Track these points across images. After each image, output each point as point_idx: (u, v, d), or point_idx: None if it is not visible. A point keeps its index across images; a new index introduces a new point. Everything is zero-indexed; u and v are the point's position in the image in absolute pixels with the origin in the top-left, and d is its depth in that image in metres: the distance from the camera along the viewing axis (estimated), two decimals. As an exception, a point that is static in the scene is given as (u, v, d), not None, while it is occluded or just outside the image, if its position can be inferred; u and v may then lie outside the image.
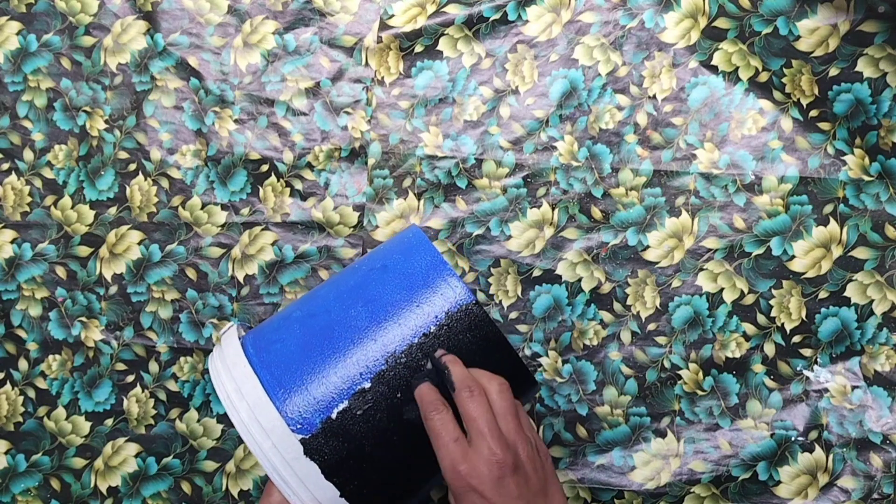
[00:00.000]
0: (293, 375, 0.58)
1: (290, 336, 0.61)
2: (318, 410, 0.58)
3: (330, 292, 0.63)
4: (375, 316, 0.60)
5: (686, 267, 0.78)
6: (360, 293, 0.61)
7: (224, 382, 0.59)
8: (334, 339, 0.59)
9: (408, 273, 0.61)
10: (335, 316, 0.61)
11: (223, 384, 0.59)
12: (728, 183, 0.78)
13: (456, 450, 0.54)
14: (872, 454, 0.76)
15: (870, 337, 0.77)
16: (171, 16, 0.82)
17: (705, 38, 0.79)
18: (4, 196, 0.82)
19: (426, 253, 0.62)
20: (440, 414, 0.56)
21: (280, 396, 0.58)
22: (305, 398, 0.58)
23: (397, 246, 0.64)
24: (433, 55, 0.80)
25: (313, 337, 0.60)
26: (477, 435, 0.55)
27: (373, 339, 0.59)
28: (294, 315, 0.63)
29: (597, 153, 0.79)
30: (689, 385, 0.78)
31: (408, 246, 0.63)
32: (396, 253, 0.63)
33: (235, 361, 0.60)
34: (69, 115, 0.82)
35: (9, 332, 0.82)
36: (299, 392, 0.58)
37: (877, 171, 0.77)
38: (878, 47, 0.77)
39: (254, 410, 0.57)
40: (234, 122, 0.81)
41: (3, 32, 0.83)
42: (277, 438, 0.57)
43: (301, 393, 0.58)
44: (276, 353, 0.60)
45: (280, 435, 0.57)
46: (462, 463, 0.54)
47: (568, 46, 0.80)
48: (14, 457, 0.81)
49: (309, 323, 0.61)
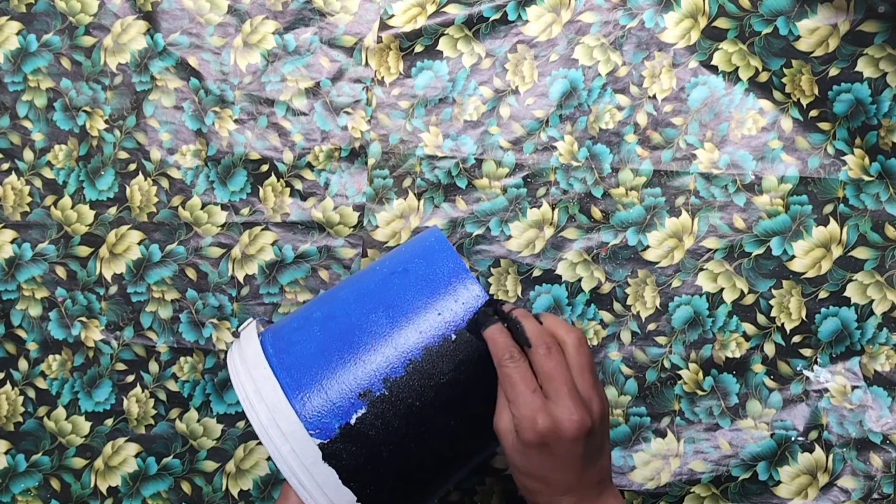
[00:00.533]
0: (312, 379, 0.58)
1: (309, 338, 0.60)
2: (336, 415, 0.57)
3: (350, 294, 0.62)
4: (395, 322, 0.59)
5: (686, 267, 0.78)
6: (380, 297, 0.60)
7: (243, 383, 0.59)
8: (354, 344, 0.58)
9: (429, 279, 0.60)
10: (355, 319, 0.60)
11: (242, 384, 0.59)
12: (728, 183, 0.78)
13: (536, 402, 0.52)
14: (872, 454, 0.76)
15: (870, 337, 0.77)
16: (171, 16, 0.81)
17: (705, 38, 0.78)
18: (4, 196, 0.82)
19: (448, 258, 0.61)
20: (517, 363, 0.53)
21: (299, 400, 0.57)
22: (324, 403, 0.57)
23: (419, 249, 0.63)
24: (433, 55, 0.80)
25: (333, 341, 0.59)
26: (555, 393, 0.52)
27: (393, 345, 0.58)
28: (314, 316, 0.62)
29: (597, 153, 0.79)
30: (689, 385, 0.77)
31: (430, 250, 0.62)
32: (418, 257, 0.62)
33: (255, 362, 0.59)
34: (69, 115, 0.82)
35: (9, 332, 0.81)
36: (318, 396, 0.57)
37: (877, 171, 0.77)
38: (878, 47, 0.77)
39: (273, 414, 0.56)
40: (234, 122, 0.81)
41: (3, 32, 0.82)
42: (296, 443, 0.56)
43: (320, 397, 0.57)
44: (296, 356, 0.59)
45: (299, 439, 0.56)
46: (541, 418, 0.51)
47: (568, 46, 0.79)
48: (14, 457, 0.81)
49: (329, 326, 0.60)
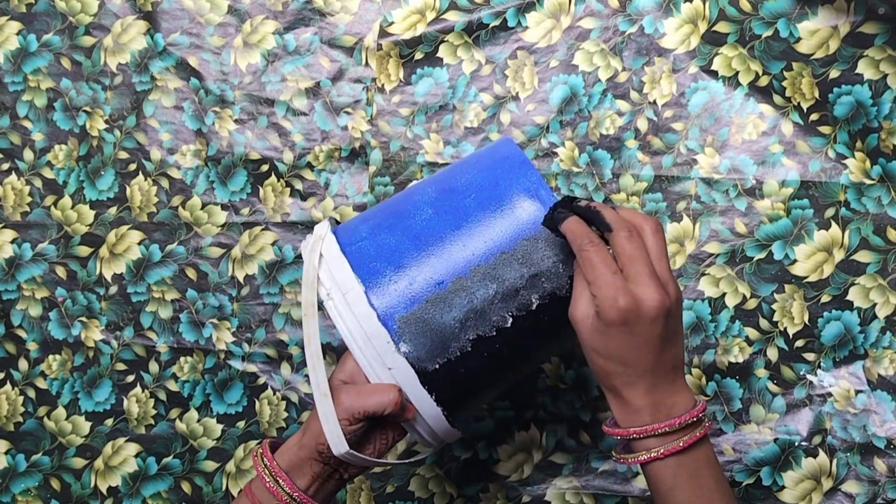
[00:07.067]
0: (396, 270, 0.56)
1: (399, 244, 0.57)
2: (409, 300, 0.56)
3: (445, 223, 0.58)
4: (468, 236, 0.57)
5: (688, 272, 0.74)
6: (469, 229, 0.57)
7: (324, 281, 0.56)
8: (430, 245, 0.56)
9: (495, 195, 0.58)
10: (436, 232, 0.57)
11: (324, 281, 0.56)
12: (729, 187, 0.74)
13: (617, 282, 0.50)
14: (876, 459, 0.71)
15: (873, 341, 0.73)
16: (171, 16, 0.77)
17: (705, 42, 0.74)
18: (4, 196, 0.78)
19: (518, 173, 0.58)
20: (596, 246, 0.51)
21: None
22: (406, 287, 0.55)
23: (499, 173, 0.59)
24: (433, 62, 0.76)
25: (409, 241, 0.57)
26: (636, 275, 0.50)
27: (471, 249, 0.56)
28: (386, 224, 0.59)
29: (597, 159, 0.75)
30: (692, 390, 0.70)
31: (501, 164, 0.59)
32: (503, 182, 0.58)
33: (334, 256, 0.57)
34: (69, 115, 0.78)
35: (9, 332, 0.77)
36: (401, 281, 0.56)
37: (878, 174, 0.73)
38: (879, 49, 0.73)
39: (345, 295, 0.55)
40: (234, 122, 0.77)
41: (3, 32, 0.78)
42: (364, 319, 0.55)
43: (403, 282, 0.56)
44: (362, 253, 0.57)
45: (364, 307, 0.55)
46: (623, 297, 0.49)
47: (568, 52, 0.75)
48: (14, 457, 0.77)
49: (408, 228, 0.58)
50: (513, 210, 0.56)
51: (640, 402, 0.51)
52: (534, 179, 0.57)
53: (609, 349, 0.51)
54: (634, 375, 0.51)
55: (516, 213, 0.56)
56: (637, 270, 0.50)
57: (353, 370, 0.56)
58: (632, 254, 0.50)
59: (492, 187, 0.57)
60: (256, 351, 0.74)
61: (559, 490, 0.72)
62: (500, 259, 0.55)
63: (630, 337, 0.50)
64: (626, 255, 0.50)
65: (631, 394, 0.51)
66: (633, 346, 0.50)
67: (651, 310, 0.49)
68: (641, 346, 0.50)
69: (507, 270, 0.55)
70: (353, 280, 0.55)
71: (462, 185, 0.58)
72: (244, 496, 0.56)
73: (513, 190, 0.56)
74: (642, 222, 0.52)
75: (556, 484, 0.72)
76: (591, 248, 0.51)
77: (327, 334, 0.74)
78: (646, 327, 0.50)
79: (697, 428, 0.51)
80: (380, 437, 0.57)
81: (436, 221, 0.56)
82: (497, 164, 0.58)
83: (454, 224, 0.56)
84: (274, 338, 0.74)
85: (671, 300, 0.50)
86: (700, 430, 0.51)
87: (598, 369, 0.53)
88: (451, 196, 0.57)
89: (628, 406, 0.51)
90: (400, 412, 0.54)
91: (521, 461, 0.73)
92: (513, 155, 0.59)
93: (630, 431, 0.51)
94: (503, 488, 0.74)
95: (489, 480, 0.74)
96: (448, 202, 0.57)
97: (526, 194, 0.56)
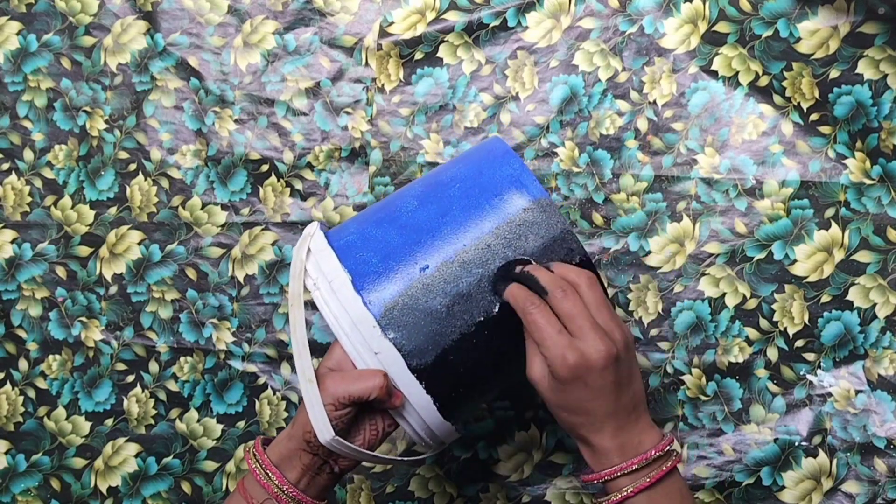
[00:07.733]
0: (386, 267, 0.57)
1: (385, 235, 0.58)
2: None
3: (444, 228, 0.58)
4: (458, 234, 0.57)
5: (688, 272, 0.73)
6: (454, 216, 0.57)
7: (311, 272, 0.57)
8: (414, 233, 0.57)
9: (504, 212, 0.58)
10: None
11: (312, 272, 0.57)
12: (729, 187, 0.73)
13: (563, 341, 0.52)
14: (877, 459, 0.71)
15: (873, 341, 0.71)
16: (171, 16, 0.77)
17: (705, 42, 0.73)
18: (4, 196, 0.77)
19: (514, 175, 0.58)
20: (539, 308, 0.53)
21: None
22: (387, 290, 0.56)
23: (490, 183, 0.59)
24: (433, 62, 0.75)
25: (398, 240, 0.57)
26: (578, 330, 0.52)
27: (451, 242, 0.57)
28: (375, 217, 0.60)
29: (598, 159, 0.74)
30: (692, 390, 0.73)
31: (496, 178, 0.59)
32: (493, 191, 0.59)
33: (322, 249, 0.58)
34: (69, 115, 0.77)
35: (9, 332, 0.77)
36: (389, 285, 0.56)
37: (878, 174, 0.72)
38: (879, 48, 0.72)
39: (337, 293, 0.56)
40: (234, 122, 0.76)
41: (3, 32, 0.77)
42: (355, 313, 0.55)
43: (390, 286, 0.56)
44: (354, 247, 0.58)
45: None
46: (570, 353, 0.51)
47: (568, 52, 0.74)
48: (14, 457, 0.76)
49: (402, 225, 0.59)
50: (496, 196, 0.56)
51: (607, 444, 0.53)
52: (516, 166, 0.57)
53: (569, 403, 0.53)
54: (598, 422, 0.53)
55: (500, 199, 0.56)
56: (579, 325, 0.52)
57: (340, 358, 0.57)
58: (570, 311, 0.52)
59: (476, 176, 0.58)
60: (256, 351, 0.74)
61: (559, 490, 0.72)
62: (485, 244, 0.55)
63: (586, 389, 0.52)
64: (565, 313, 0.52)
65: (598, 439, 0.53)
66: (590, 397, 0.52)
67: (599, 360, 0.51)
68: (598, 395, 0.52)
69: (492, 255, 0.55)
70: (340, 269, 0.55)
71: (447, 178, 0.59)
72: (237, 492, 0.56)
73: (496, 177, 0.57)
74: (576, 278, 0.54)
75: (556, 484, 0.72)
76: (534, 310, 0.52)
77: (327, 334, 0.74)
78: (598, 377, 0.51)
79: (665, 462, 0.52)
80: (369, 427, 0.57)
81: (420, 212, 0.57)
82: (482, 157, 0.59)
83: (439, 212, 0.57)
84: (274, 338, 0.74)
85: (617, 347, 0.52)
86: (667, 464, 0.52)
87: (563, 423, 0.55)
88: (435, 188, 0.58)
89: (598, 451, 0.53)
90: (387, 397, 0.54)
91: (521, 461, 0.72)
92: (497, 147, 0.60)
93: (602, 474, 0.53)
94: (503, 488, 0.73)
95: (489, 480, 0.73)
96: (433, 193, 0.58)
97: (509, 180, 0.57)
